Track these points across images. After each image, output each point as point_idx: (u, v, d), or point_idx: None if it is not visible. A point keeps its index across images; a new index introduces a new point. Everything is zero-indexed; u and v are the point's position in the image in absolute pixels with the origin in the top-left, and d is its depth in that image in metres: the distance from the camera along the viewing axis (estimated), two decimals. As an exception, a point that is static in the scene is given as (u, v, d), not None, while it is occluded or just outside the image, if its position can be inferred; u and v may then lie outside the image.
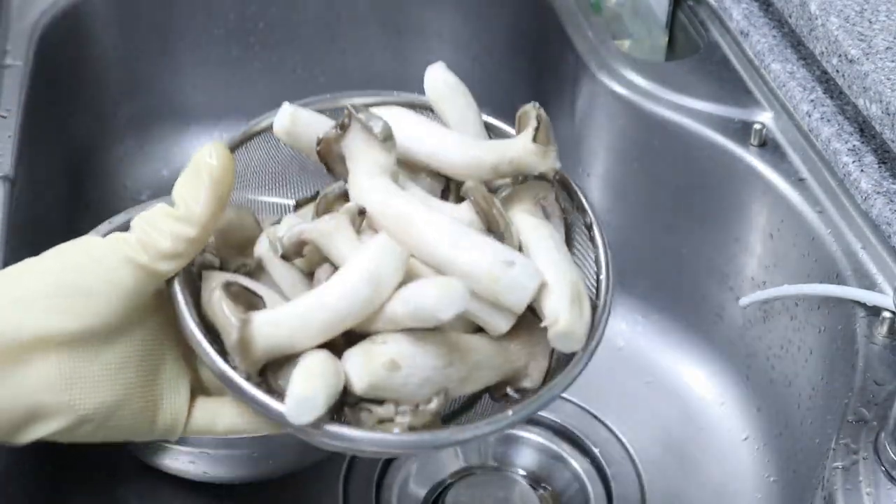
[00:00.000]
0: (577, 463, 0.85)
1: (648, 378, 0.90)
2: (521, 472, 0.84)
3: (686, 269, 0.89)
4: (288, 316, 0.46)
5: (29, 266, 0.48)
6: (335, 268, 0.48)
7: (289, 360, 0.46)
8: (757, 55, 0.86)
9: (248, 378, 0.46)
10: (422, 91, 0.56)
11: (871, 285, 0.69)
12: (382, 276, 0.45)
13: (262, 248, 0.52)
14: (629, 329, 0.93)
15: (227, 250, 0.51)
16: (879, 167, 0.74)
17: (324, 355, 0.46)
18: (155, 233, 0.47)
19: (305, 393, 0.44)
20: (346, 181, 0.51)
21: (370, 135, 0.49)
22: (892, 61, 0.72)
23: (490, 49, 1.06)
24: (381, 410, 0.46)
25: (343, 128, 0.50)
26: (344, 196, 0.50)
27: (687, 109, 0.84)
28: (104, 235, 0.50)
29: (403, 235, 0.48)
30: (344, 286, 0.46)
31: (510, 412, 0.47)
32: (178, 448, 0.72)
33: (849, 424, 0.61)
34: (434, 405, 0.46)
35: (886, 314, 0.66)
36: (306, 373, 0.45)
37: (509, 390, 0.50)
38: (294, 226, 0.49)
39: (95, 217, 0.78)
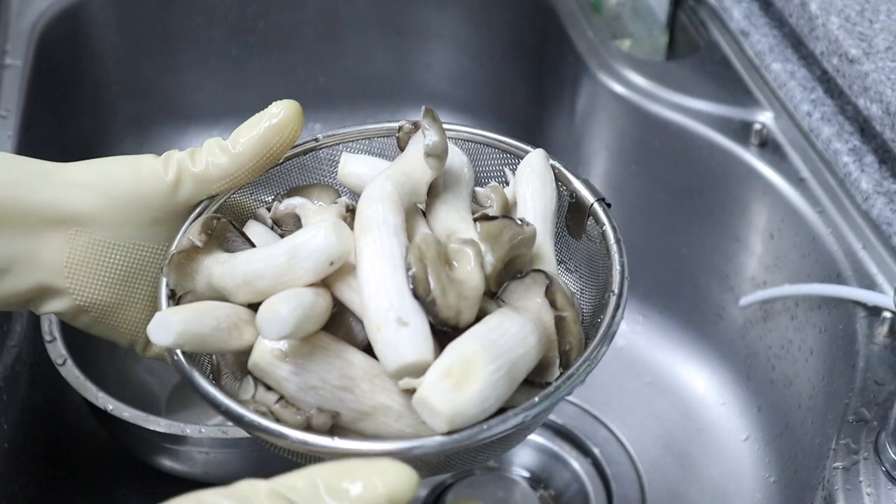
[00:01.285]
0: (577, 463, 0.85)
1: (648, 378, 0.90)
2: (522, 472, 0.84)
3: (686, 269, 0.89)
4: (227, 259, 0.50)
5: (77, 163, 0.53)
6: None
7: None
8: (757, 55, 0.86)
9: (171, 296, 0.49)
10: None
11: (871, 285, 0.69)
12: (301, 253, 0.47)
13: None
14: (629, 329, 0.93)
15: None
16: (880, 167, 0.74)
17: (226, 308, 0.48)
18: (192, 157, 0.52)
19: (161, 318, 0.46)
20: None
21: (419, 145, 0.51)
22: (893, 61, 0.72)
23: (490, 49, 1.06)
24: (262, 393, 0.47)
25: (416, 127, 0.52)
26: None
27: (687, 109, 0.84)
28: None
29: (357, 250, 0.48)
30: (268, 249, 0.48)
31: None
32: (178, 448, 0.72)
33: (849, 424, 0.61)
34: (316, 419, 0.45)
35: (887, 314, 0.66)
36: (185, 308, 0.47)
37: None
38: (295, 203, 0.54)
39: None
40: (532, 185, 0.54)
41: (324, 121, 1.10)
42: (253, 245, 0.52)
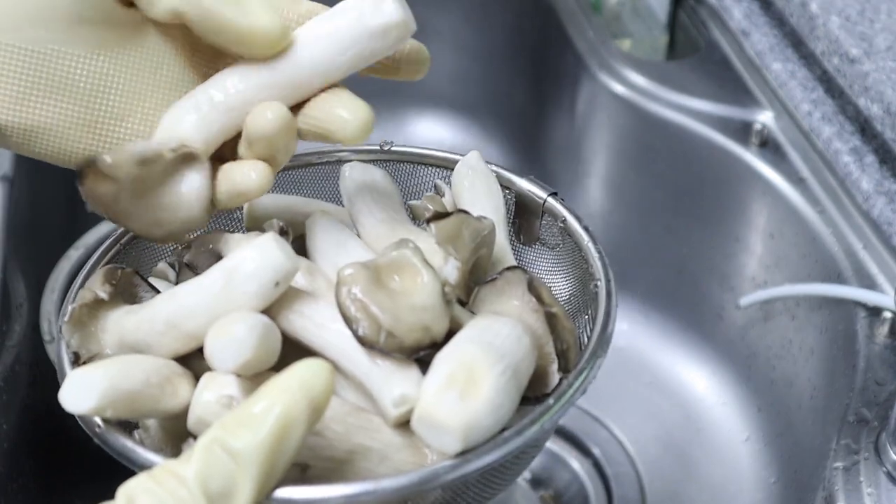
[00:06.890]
0: (578, 463, 0.85)
1: (648, 378, 0.90)
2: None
3: (686, 269, 0.89)
4: (141, 307, 0.41)
5: None
6: None
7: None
8: (757, 55, 0.86)
9: (75, 360, 0.41)
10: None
11: (871, 285, 0.69)
12: (239, 275, 0.38)
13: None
14: (629, 329, 0.93)
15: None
16: (880, 167, 0.74)
17: (154, 360, 0.39)
18: None
19: (78, 377, 0.38)
20: None
21: None
22: (893, 61, 0.71)
23: (490, 49, 1.06)
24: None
25: None
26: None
27: (687, 109, 0.84)
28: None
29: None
30: (196, 281, 0.40)
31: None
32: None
33: (850, 425, 0.61)
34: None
35: (887, 314, 0.66)
36: (106, 363, 0.39)
37: None
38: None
39: (95, 217, 0.78)
40: (476, 187, 0.48)
41: (324, 121, 1.10)
42: (151, 285, 0.45)
